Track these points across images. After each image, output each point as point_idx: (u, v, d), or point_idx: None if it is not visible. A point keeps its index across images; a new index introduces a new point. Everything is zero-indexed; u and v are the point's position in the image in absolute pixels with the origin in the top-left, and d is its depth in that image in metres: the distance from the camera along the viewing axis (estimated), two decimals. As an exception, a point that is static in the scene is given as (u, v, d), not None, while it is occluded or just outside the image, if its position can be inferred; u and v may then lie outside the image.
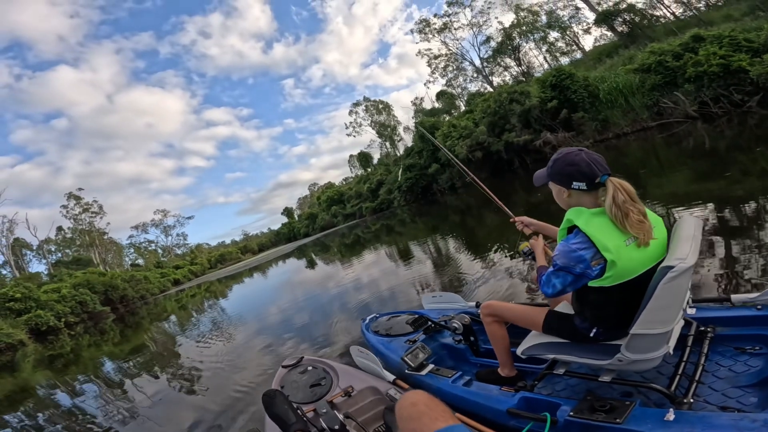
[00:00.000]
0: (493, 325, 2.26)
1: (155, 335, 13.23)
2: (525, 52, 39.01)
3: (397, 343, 3.08)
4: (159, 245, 72.91)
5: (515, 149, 23.66)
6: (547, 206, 10.77)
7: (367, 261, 13.13)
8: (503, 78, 40.88)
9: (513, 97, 23.91)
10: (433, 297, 3.61)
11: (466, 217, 15.96)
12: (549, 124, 21.07)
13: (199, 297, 23.65)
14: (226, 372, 5.49)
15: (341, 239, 30.22)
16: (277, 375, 3.16)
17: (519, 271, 5.46)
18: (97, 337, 17.06)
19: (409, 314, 3.57)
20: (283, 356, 5.25)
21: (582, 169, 1.63)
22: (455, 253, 9.11)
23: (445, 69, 48.75)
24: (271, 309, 10.02)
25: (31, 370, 12.52)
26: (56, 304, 25.78)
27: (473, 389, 2.19)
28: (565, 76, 20.79)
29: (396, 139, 63.15)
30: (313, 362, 3.15)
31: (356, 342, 4.48)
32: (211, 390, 4.98)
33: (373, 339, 3.33)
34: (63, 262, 49.43)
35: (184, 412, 4.49)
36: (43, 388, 8.87)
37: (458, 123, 30.04)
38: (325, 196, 72.46)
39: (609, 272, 1.53)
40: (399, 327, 3.32)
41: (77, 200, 53.89)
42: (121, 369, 8.65)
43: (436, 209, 25.08)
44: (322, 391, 2.67)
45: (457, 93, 48.74)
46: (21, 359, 15.44)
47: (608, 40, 30.64)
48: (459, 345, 2.84)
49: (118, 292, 33.14)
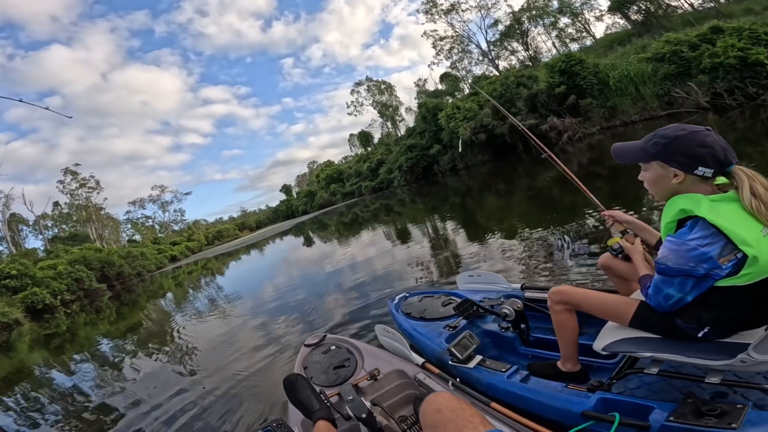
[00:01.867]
0: (564, 314, 1.94)
1: (152, 314, 12.98)
2: (533, 37, 38.26)
3: (433, 328, 2.73)
4: (156, 221, 72.25)
5: (519, 133, 23.23)
6: (549, 191, 10.52)
7: (365, 240, 12.89)
8: (509, 62, 40.19)
9: (520, 80, 23.47)
10: (470, 276, 3.27)
11: (466, 199, 15.70)
12: (555, 109, 20.69)
13: (196, 274, 23.34)
14: (229, 355, 5.21)
15: (339, 218, 29.95)
16: (299, 355, 2.99)
17: (530, 254, 5.29)
18: (93, 316, 16.78)
19: (444, 295, 3.22)
20: (282, 337, 5.12)
21: (716, 153, 1.34)
22: (458, 235, 8.90)
23: (450, 51, 47.74)
24: (268, 288, 9.81)
25: (27, 350, 12.20)
26: (52, 281, 25.10)
27: (533, 386, 1.91)
28: (575, 62, 20.36)
29: (397, 120, 62.39)
30: (337, 341, 2.98)
31: (372, 322, 4.32)
32: (217, 374, 4.66)
33: (406, 322, 2.99)
34: (59, 237, 48.74)
35: (191, 398, 4.18)
36: (39, 369, 8.63)
37: (463, 105, 29.55)
38: (324, 174, 71.87)
39: (748, 269, 1.26)
40: (434, 309, 2.99)
41: (74, 175, 53.41)
42: (117, 349, 8.47)
43: (436, 190, 24.82)
44: (346, 374, 2.49)
45: (462, 75, 47.92)
46: (17, 339, 15.06)
47: (620, 28, 29.99)
48: (505, 333, 2.49)
49: (115, 268, 32.53)
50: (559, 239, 5.44)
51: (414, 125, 44.48)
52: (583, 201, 4.89)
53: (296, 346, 4.45)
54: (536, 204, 9.24)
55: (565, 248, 4.96)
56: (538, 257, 5.04)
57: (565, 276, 4.11)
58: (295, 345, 4.58)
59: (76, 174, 53.47)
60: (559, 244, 5.26)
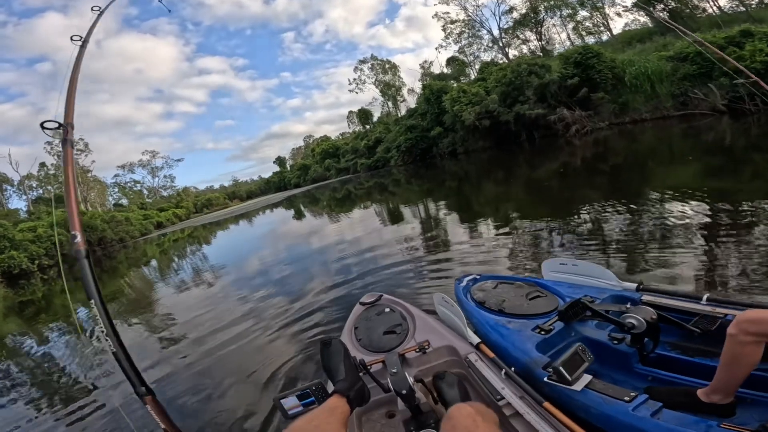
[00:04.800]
0: (751, 347, 1.38)
1: (134, 282, 12.40)
2: (548, 28, 37.02)
3: (518, 328, 2.12)
4: (145, 186, 70.37)
5: (525, 122, 22.60)
6: (548, 183, 9.99)
7: (356, 217, 12.43)
8: (520, 50, 38.90)
9: (532, 69, 22.64)
10: (562, 264, 2.61)
11: (464, 184, 15.07)
12: (566, 101, 19.99)
13: (182, 242, 22.62)
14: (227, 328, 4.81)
15: (332, 193, 29.42)
16: (353, 312, 2.77)
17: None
18: (69, 283, 15.84)
19: (527, 284, 2.59)
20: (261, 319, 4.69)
21: None
22: (453, 221, 8.39)
23: (460, 35, 46.34)
24: (253, 260, 9.41)
25: (0, 320, 11.27)
26: (31, 244, 23.71)
27: (670, 422, 1.34)
28: (592, 55, 19.61)
29: (399, 100, 61.04)
30: (392, 303, 2.72)
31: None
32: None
33: (478, 313, 2.39)
34: (44, 199, 47.06)
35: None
36: (11, 339, 8.08)
37: (469, 89, 28.65)
38: (320, 149, 70.61)
39: None
40: (517, 302, 2.37)
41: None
42: (94, 319, 7.71)
43: (432, 173, 24.16)
44: (394, 341, 2.26)
45: (469, 61, 46.67)
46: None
47: (641, 25, 29.10)
48: (618, 346, 1.86)
49: (97, 233, 30.58)
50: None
51: (416, 106, 43.51)
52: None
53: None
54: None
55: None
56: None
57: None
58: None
59: None
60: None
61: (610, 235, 4.50)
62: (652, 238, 4.07)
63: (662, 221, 4.50)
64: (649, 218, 4.72)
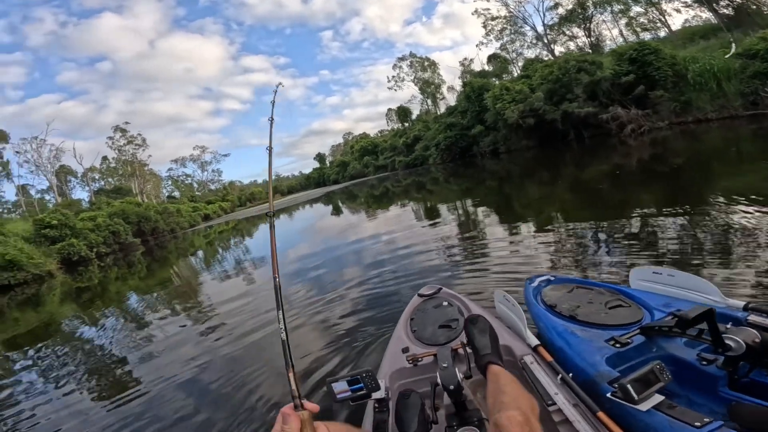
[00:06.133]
0: None
1: (182, 272, 12.70)
2: (597, 24, 34.89)
3: (590, 337, 1.87)
4: (195, 179, 73.35)
5: (573, 120, 21.36)
6: (592, 185, 9.24)
7: (395, 214, 12.11)
8: (567, 47, 36.94)
9: (582, 66, 21.36)
10: (655, 273, 2.24)
11: (508, 184, 14.27)
12: (619, 99, 18.67)
13: (227, 234, 23.01)
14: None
15: (370, 190, 29.26)
16: (411, 302, 2.72)
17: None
18: (124, 270, 16.32)
19: (609, 291, 2.26)
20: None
21: None
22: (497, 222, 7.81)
23: (502, 32, 44.81)
24: (300, 252, 9.23)
25: (57, 304, 11.61)
26: (90, 233, 24.24)
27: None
28: (650, 52, 18.16)
29: (438, 98, 60.00)
30: (450, 298, 2.62)
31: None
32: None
33: (546, 318, 2.15)
34: (104, 190, 49.40)
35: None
36: (67, 324, 8.19)
37: (512, 87, 27.53)
38: (358, 146, 70.78)
39: None
40: (593, 310, 2.08)
41: (123, 132, 54.24)
42: (146, 306, 8.17)
43: (472, 172, 23.36)
44: (449, 336, 2.20)
45: (512, 58, 45.08)
46: (46, 292, 14.42)
47: (703, 21, 26.93)
48: (707, 367, 1.58)
49: (151, 223, 31.51)
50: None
51: (456, 104, 42.57)
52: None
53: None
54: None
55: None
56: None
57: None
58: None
59: (125, 131, 54.47)
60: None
61: (709, 245, 3.80)
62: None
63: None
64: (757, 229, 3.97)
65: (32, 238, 21.72)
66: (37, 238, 21.83)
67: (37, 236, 21.97)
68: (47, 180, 46.83)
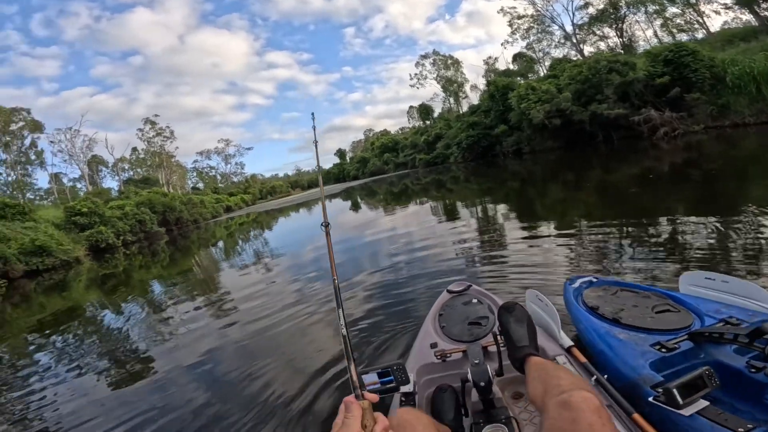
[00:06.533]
0: None
1: (203, 262, 12.82)
2: (630, 24, 33.68)
3: (634, 341, 1.81)
4: (219, 171, 75.01)
5: (602, 122, 20.71)
6: (625, 187, 8.81)
7: (414, 211, 12.01)
8: (597, 47, 35.78)
9: (614, 66, 20.66)
10: (708, 279, 2.15)
11: (528, 185, 13.90)
12: (653, 101, 18.00)
13: (247, 226, 23.22)
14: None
15: (389, 187, 29.07)
16: (439, 298, 2.68)
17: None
18: (148, 259, 16.55)
19: (657, 295, 2.18)
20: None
21: None
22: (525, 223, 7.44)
23: (528, 31, 43.91)
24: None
25: (83, 290, 11.76)
26: (118, 221, 24.54)
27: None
28: (687, 53, 17.43)
29: (461, 96, 59.31)
30: (480, 295, 2.58)
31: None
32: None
33: (587, 319, 2.08)
34: (133, 180, 50.68)
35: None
36: (90, 309, 8.31)
37: (538, 86, 26.90)
38: (379, 143, 70.65)
39: None
40: (639, 313, 2.00)
41: (152, 125, 55.62)
42: (167, 295, 8.22)
43: (494, 172, 22.97)
44: (479, 333, 2.17)
45: (538, 57, 44.18)
46: (73, 278, 14.63)
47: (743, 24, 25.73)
48: (755, 374, 1.51)
49: (175, 213, 31.96)
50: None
51: (479, 103, 42.00)
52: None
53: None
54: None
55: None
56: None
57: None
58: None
59: (155, 124, 55.84)
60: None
61: (755, 252, 3.50)
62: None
63: None
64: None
65: (63, 225, 22.16)
66: (68, 225, 22.24)
67: (68, 223, 22.37)
68: (79, 169, 48.42)
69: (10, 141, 41.91)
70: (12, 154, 42.45)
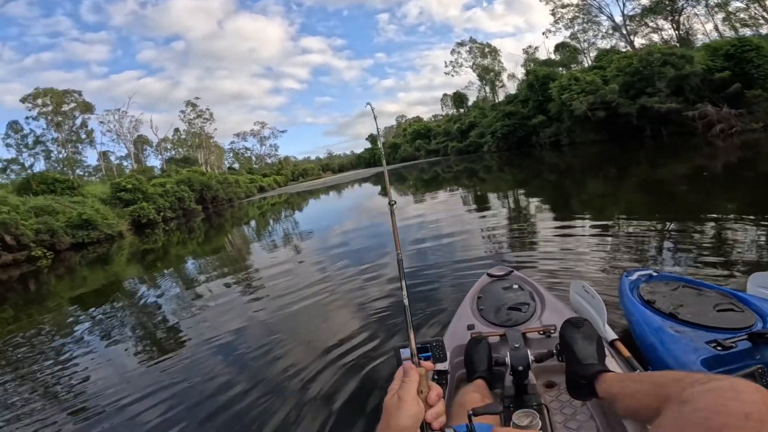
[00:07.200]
0: None
1: (235, 240, 13.12)
2: (688, 17, 31.47)
3: (688, 337, 1.75)
4: (254, 153, 76.92)
5: (652, 116, 19.71)
6: (677, 184, 8.21)
7: (444, 199, 11.84)
8: (650, 39, 33.60)
9: (668, 59, 19.54)
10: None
11: (566, 178, 13.41)
12: (709, 96, 16.98)
13: (279, 206, 23.62)
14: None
15: (419, 173, 28.76)
16: (479, 281, 2.60)
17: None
18: (185, 235, 16.96)
19: (721, 294, 2.06)
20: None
21: None
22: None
23: (572, 21, 41.94)
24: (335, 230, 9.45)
25: (124, 264, 12.14)
26: (159, 198, 25.38)
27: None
28: (750, 48, 16.46)
29: (497, 85, 57.75)
30: (522, 281, 2.50)
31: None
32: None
33: (640, 312, 2.02)
34: (174, 159, 52.66)
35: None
36: (130, 283, 8.57)
37: (582, 77, 25.81)
38: (411, 129, 70.00)
39: None
40: (697, 310, 1.91)
41: (193, 107, 57.56)
42: (200, 270, 8.42)
43: (529, 162, 22.36)
44: (518, 318, 2.11)
45: (582, 47, 42.30)
46: (115, 252, 15.11)
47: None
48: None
49: (212, 192, 32.76)
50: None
51: (516, 92, 40.79)
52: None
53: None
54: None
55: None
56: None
57: None
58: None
59: (195, 106, 57.83)
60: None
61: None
62: None
63: None
64: None
65: (108, 200, 23.05)
66: (113, 200, 23.14)
67: (113, 198, 23.29)
68: (126, 148, 51.10)
69: (62, 121, 44.20)
70: (63, 133, 44.86)
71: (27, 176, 26.88)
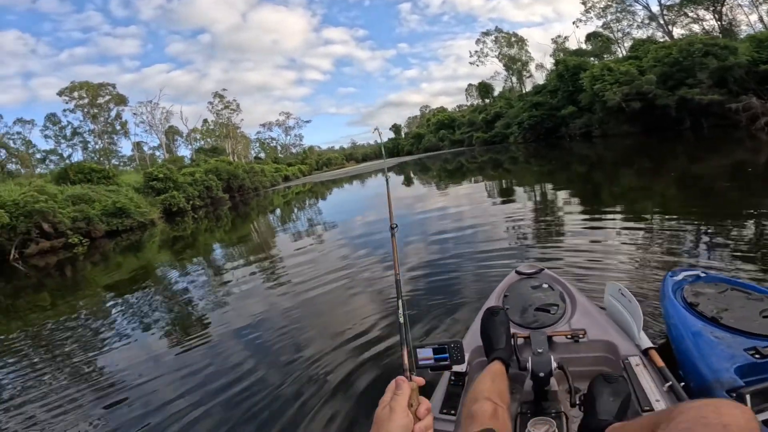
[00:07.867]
0: None
1: (260, 228, 13.37)
2: (731, 7, 29.15)
3: (726, 342, 1.65)
4: (279, 143, 77.96)
5: (692, 108, 18.70)
6: (710, 181, 7.70)
7: (466, 191, 11.77)
8: (690, 30, 31.51)
9: (710, 50, 18.44)
10: None
11: (594, 172, 12.81)
12: (755, 89, 15.97)
13: (303, 195, 23.98)
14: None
15: (443, 164, 28.33)
16: (506, 279, 2.49)
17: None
18: (212, 223, 17.24)
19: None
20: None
21: None
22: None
23: (605, 10, 40.10)
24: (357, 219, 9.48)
25: (156, 250, 12.41)
26: (188, 186, 25.86)
27: None
28: (798, 40, 15.31)
29: (524, 76, 56.15)
30: (552, 281, 2.35)
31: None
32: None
33: (680, 315, 1.88)
34: (203, 149, 53.87)
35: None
36: (161, 269, 8.81)
37: (616, 67, 24.69)
38: (435, 119, 69.08)
39: None
40: (743, 314, 1.79)
41: (221, 98, 58.28)
42: (228, 259, 8.56)
43: (557, 154, 21.68)
44: (546, 320, 1.96)
45: (616, 37, 40.47)
46: (147, 239, 15.47)
47: None
48: None
49: (239, 181, 33.09)
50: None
51: (545, 82, 39.53)
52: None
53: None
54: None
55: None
56: None
57: None
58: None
59: (223, 97, 58.61)
60: None
61: None
62: None
63: None
64: None
65: (141, 189, 23.67)
66: (146, 189, 23.73)
67: (146, 187, 23.89)
68: (158, 138, 52.36)
69: (97, 113, 45.79)
70: (99, 125, 46.54)
71: (65, 166, 27.71)
